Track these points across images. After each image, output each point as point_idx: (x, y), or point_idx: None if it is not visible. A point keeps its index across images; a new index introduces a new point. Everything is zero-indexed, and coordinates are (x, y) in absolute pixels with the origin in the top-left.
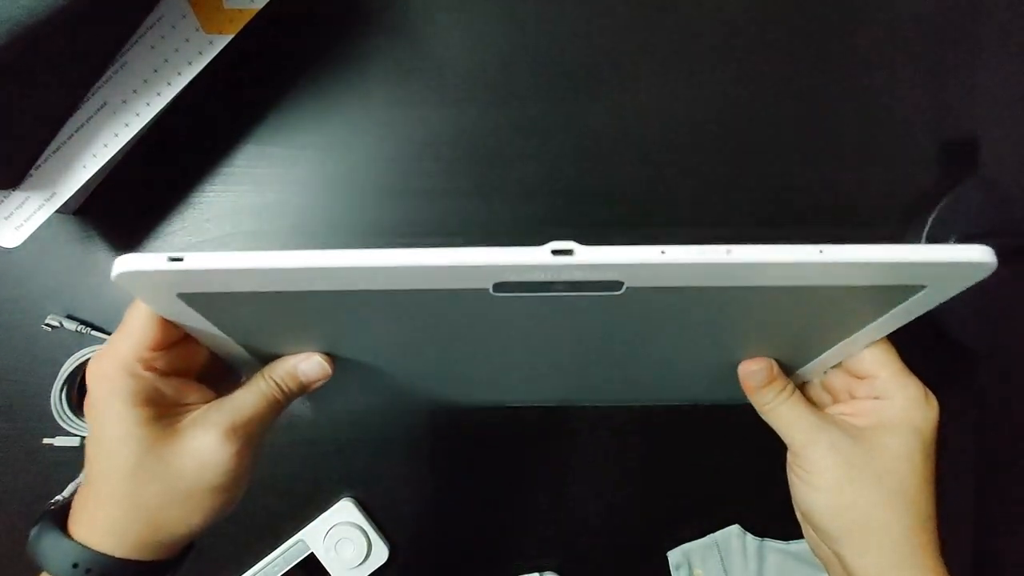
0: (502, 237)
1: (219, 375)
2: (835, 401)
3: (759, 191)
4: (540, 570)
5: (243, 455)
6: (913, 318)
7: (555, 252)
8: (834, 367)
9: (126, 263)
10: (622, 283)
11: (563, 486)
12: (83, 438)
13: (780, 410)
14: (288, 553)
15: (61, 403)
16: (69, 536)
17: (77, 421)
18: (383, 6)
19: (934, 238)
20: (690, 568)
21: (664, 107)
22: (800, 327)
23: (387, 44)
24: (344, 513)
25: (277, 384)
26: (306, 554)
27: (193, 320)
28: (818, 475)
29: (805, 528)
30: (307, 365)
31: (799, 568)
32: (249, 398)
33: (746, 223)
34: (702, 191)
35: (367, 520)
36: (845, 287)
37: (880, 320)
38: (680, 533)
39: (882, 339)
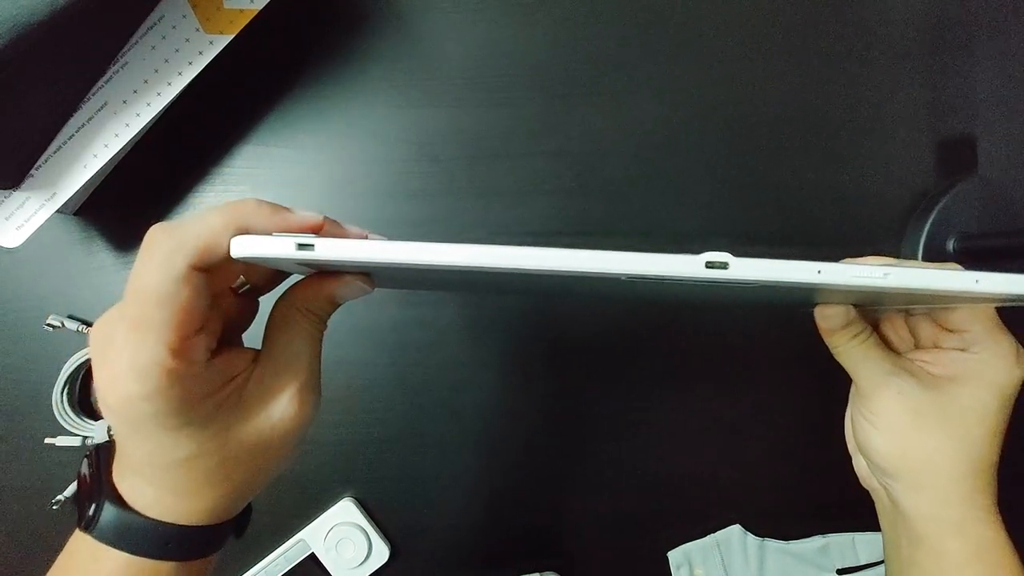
0: (501, 238)
1: (241, 318)
2: (917, 346)
3: (759, 191)
4: (540, 570)
5: (317, 403)
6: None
7: (709, 265)
8: (922, 315)
9: (248, 247)
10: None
11: (563, 486)
12: (84, 438)
13: (852, 352)
14: (288, 553)
15: (62, 403)
16: (154, 519)
17: (78, 421)
18: (383, 7)
19: (934, 238)
20: (691, 568)
21: (663, 107)
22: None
23: (386, 45)
24: (344, 513)
25: (318, 315)
26: (306, 554)
27: (278, 265)
28: (882, 418)
29: (855, 459)
30: (348, 290)
31: (799, 568)
32: (300, 346)
33: (747, 221)
34: (702, 191)
35: (367, 520)
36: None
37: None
38: (680, 533)
39: None
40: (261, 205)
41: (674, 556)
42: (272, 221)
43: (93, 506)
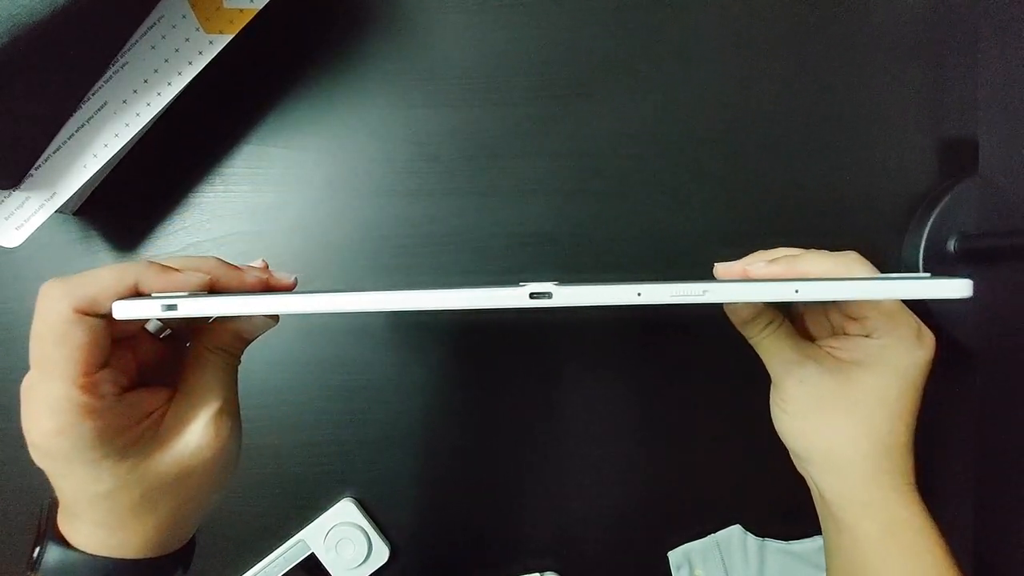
0: (500, 238)
1: (163, 361)
2: (833, 333)
3: (759, 191)
4: (540, 570)
5: (234, 429)
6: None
7: (533, 295)
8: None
9: (126, 309)
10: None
11: (563, 486)
12: None
13: (763, 343)
14: (288, 553)
15: None
16: (91, 554)
17: None
18: (382, 7)
19: (934, 238)
20: (691, 568)
21: (662, 107)
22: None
23: (386, 45)
24: (344, 513)
25: (228, 351)
26: (307, 554)
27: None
28: (790, 404)
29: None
30: (252, 326)
31: (800, 568)
32: (212, 380)
33: (746, 222)
34: (702, 191)
35: (367, 520)
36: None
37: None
38: (680, 533)
39: None
40: (151, 266)
41: (674, 556)
42: (159, 280)
43: (38, 548)
